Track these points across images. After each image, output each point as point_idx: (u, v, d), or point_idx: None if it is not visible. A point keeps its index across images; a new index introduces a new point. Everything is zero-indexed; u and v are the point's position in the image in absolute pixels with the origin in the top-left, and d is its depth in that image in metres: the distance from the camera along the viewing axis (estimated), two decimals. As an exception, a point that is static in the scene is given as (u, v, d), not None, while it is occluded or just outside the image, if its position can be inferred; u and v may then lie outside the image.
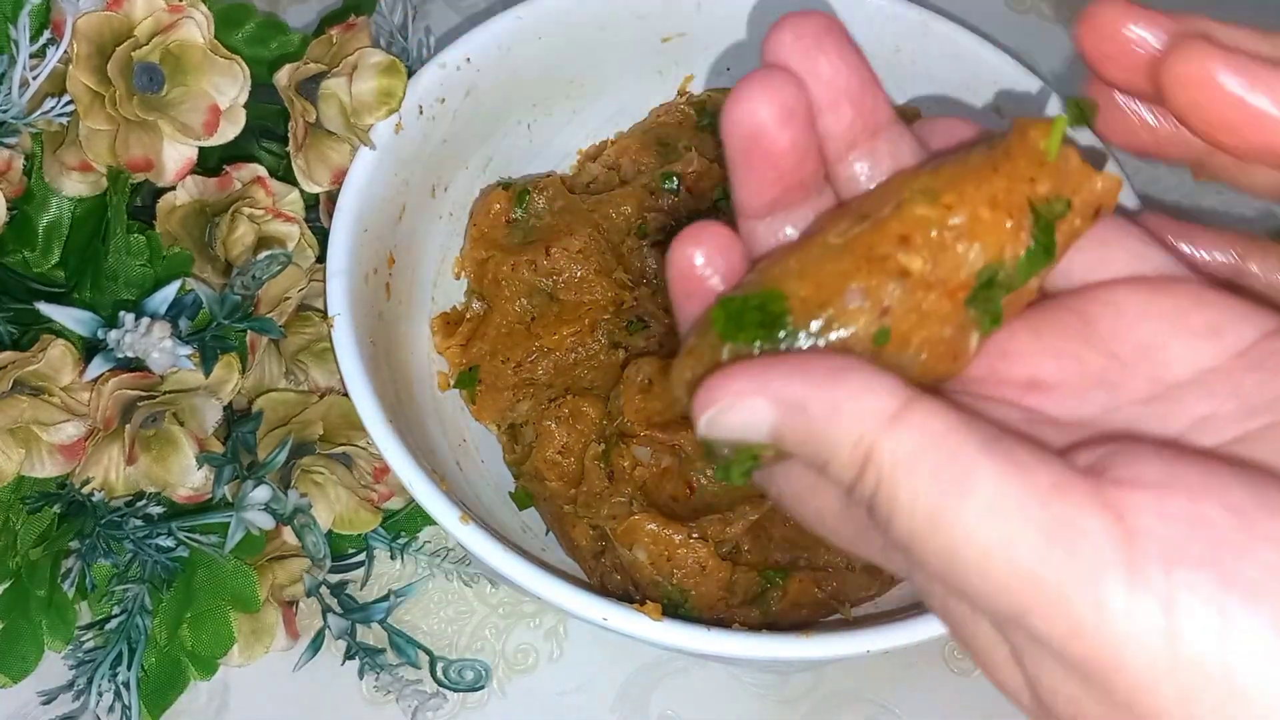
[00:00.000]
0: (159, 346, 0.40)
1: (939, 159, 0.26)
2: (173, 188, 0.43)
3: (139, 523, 0.42)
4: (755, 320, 0.24)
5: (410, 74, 0.44)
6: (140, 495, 0.42)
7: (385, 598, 0.47)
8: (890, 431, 0.21)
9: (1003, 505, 0.20)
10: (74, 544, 0.43)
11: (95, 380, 0.40)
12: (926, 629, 0.36)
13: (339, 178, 0.43)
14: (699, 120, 0.52)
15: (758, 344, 0.24)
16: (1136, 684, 0.19)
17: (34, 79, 0.40)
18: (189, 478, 0.42)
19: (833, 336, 0.24)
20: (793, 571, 0.43)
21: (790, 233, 0.27)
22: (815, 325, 0.24)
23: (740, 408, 0.23)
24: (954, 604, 0.23)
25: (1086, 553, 0.19)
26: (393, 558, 0.48)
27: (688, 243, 0.27)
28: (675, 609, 0.42)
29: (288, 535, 0.45)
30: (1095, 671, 0.20)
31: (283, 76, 0.43)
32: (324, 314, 0.41)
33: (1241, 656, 0.18)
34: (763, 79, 0.25)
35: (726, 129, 0.25)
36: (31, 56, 0.40)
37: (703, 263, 0.26)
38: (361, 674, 0.46)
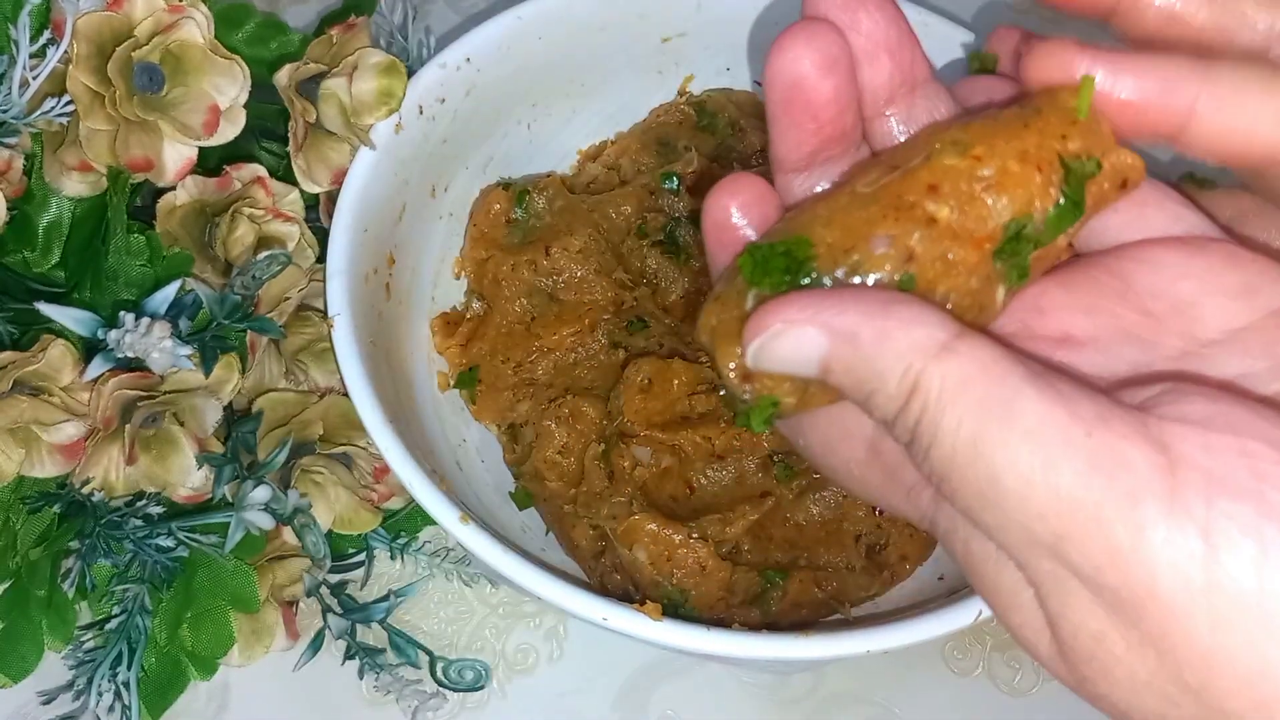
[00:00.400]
0: (159, 346, 0.40)
1: (970, 115, 0.26)
2: (173, 188, 0.43)
3: (139, 523, 0.42)
4: (781, 266, 0.24)
5: (410, 74, 0.44)
6: (140, 495, 0.42)
7: (385, 598, 0.47)
8: (939, 361, 0.21)
9: (1046, 433, 0.20)
10: (74, 544, 0.43)
11: (95, 380, 0.40)
12: (926, 629, 0.36)
13: (339, 178, 0.43)
14: (699, 120, 0.52)
15: (784, 289, 0.24)
16: (1169, 611, 0.19)
17: (34, 79, 0.40)
18: (189, 478, 0.42)
19: (857, 282, 0.24)
20: (793, 571, 0.43)
21: (827, 187, 0.27)
22: (840, 271, 0.24)
23: (791, 335, 0.23)
24: (977, 545, 0.23)
25: (1128, 480, 0.19)
26: (393, 558, 0.48)
27: (724, 194, 0.27)
28: (675, 609, 0.41)
29: (288, 535, 0.45)
30: (1128, 600, 0.20)
31: (283, 76, 0.43)
32: (324, 314, 0.41)
33: (1277, 585, 0.18)
34: (805, 30, 0.25)
35: (769, 80, 0.25)
36: (31, 56, 0.40)
37: (738, 214, 0.26)
38: (361, 674, 0.46)
